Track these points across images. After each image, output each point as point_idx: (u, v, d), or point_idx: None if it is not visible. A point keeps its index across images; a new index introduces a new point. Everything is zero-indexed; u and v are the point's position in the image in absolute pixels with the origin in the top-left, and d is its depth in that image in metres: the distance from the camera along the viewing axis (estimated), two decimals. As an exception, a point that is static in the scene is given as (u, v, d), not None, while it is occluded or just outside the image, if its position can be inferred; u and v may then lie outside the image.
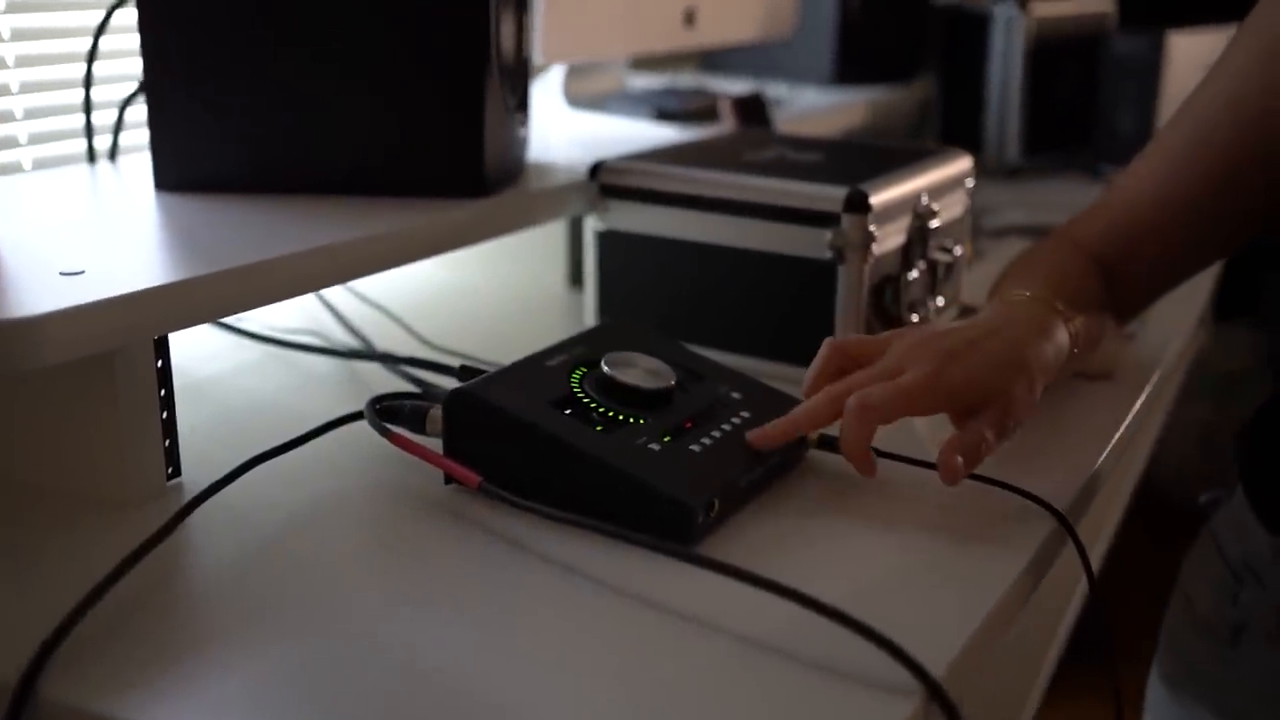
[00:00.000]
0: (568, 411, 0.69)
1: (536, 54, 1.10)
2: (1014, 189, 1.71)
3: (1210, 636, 0.87)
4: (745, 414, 0.74)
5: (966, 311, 1.03)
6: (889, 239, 0.90)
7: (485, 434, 0.69)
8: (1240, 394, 2.80)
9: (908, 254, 0.93)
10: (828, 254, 0.87)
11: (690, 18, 1.31)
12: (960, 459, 0.67)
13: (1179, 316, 1.14)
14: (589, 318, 0.99)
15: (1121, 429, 0.85)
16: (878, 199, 0.87)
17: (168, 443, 0.71)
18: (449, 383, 0.81)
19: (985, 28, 1.79)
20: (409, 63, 0.86)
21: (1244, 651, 0.84)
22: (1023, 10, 1.76)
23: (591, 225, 0.97)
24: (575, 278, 1.15)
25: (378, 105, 0.87)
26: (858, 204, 0.86)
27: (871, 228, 0.86)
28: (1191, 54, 1.74)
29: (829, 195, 0.87)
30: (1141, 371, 0.98)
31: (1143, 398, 0.93)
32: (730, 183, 0.91)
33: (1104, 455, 0.80)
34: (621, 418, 0.70)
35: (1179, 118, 0.91)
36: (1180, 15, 1.79)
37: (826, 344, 0.74)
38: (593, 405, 0.70)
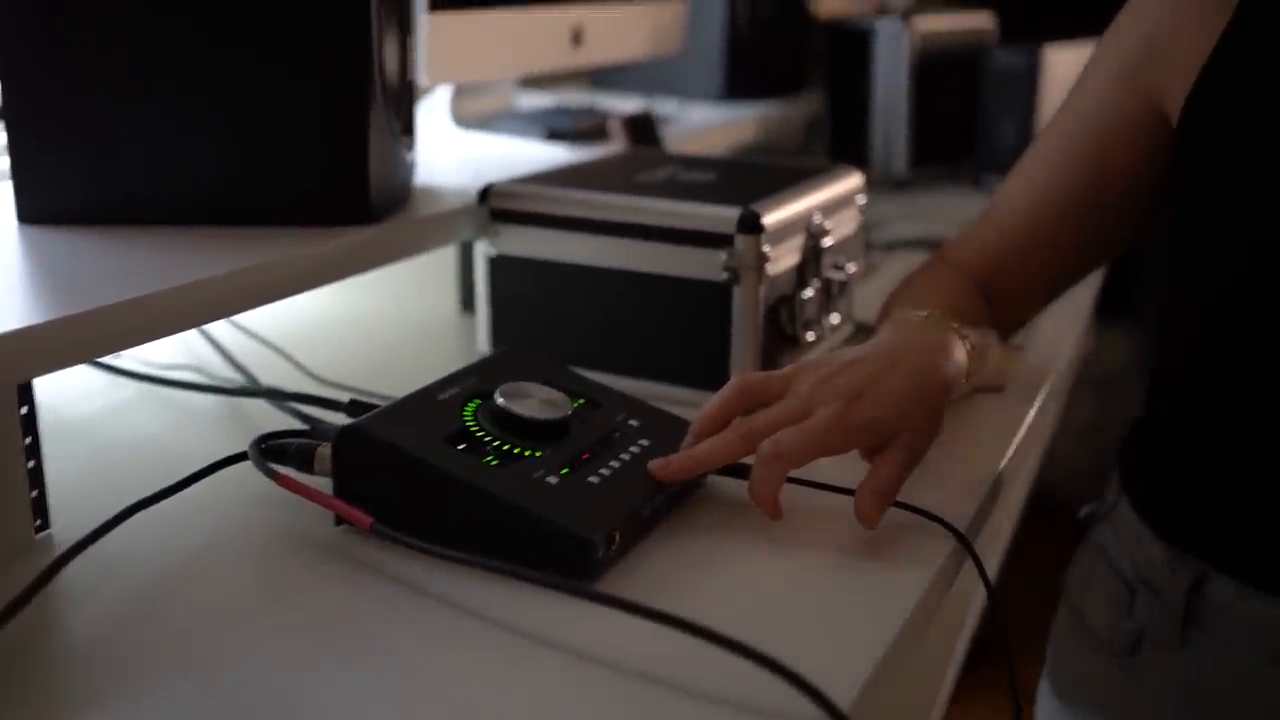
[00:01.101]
0: (461, 446, 0.67)
1: (421, 75, 1.08)
2: (902, 201, 1.74)
3: (1106, 649, 0.89)
4: (644, 442, 0.73)
5: (861, 329, 1.03)
6: (783, 259, 0.90)
7: (376, 472, 0.66)
8: (1122, 393, 2.88)
9: (802, 273, 0.93)
10: (722, 275, 0.86)
11: (578, 37, 1.30)
12: (876, 504, 0.67)
13: (1066, 322, 1.16)
14: (482, 344, 0.97)
15: (1016, 441, 0.86)
16: (771, 219, 0.87)
17: (35, 493, 0.67)
18: (338, 418, 0.78)
19: (870, 43, 1.82)
20: (287, 87, 0.83)
21: (1142, 660, 0.85)
22: (906, 25, 1.78)
23: (482, 250, 0.95)
24: (468, 302, 1.13)
25: (257, 132, 0.84)
26: (751, 224, 0.85)
27: (765, 248, 0.86)
28: (1067, 66, 1.79)
29: (722, 216, 0.86)
30: (1032, 381, 0.99)
31: (1035, 408, 0.94)
32: (623, 205, 0.90)
33: (1000, 469, 0.81)
34: (517, 451, 0.68)
35: (1044, 138, 0.94)
36: (1057, 29, 1.84)
37: (732, 382, 0.73)
38: (487, 439, 0.68)
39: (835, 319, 0.98)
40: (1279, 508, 0.78)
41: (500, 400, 0.71)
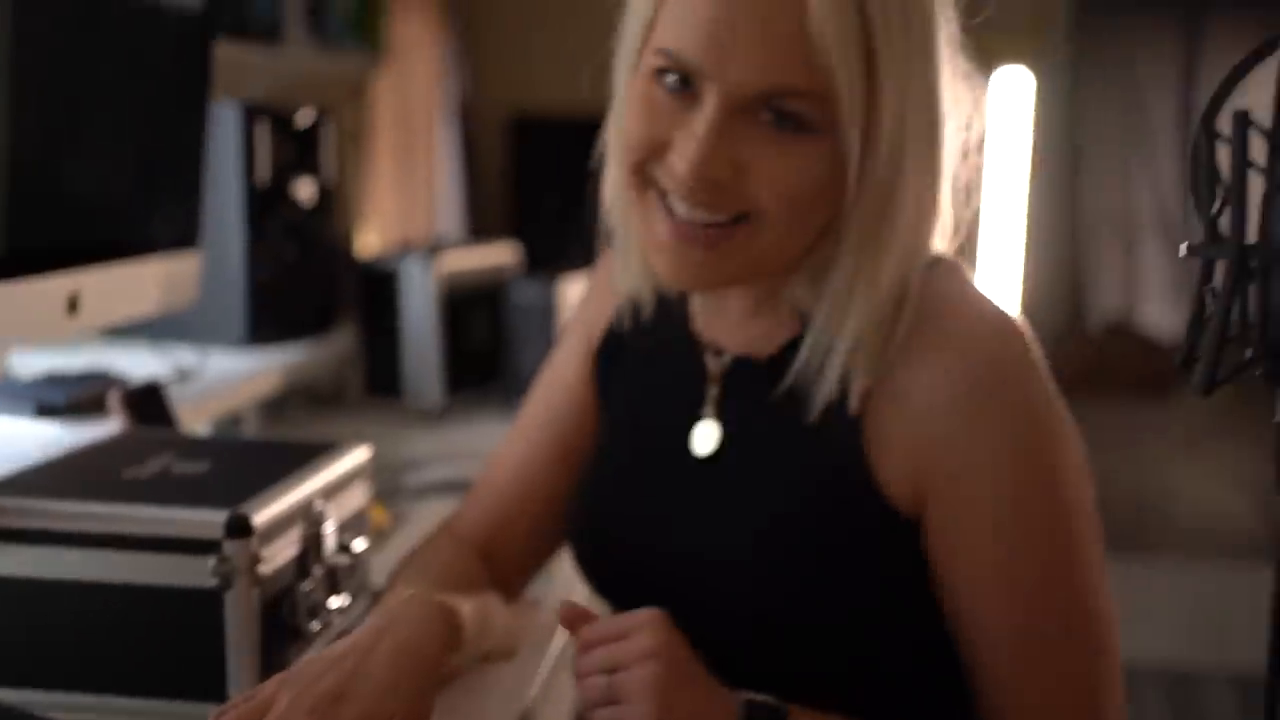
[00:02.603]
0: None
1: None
2: (438, 435, 1.78)
3: None
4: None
5: (377, 597, 1.03)
6: (279, 554, 0.89)
7: None
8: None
9: (303, 562, 0.92)
10: (213, 581, 0.84)
11: (73, 304, 1.25)
12: None
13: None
14: (-53, 673, 0.87)
15: (525, 704, 0.89)
16: (262, 518, 0.86)
17: None
18: None
19: (398, 280, 1.88)
20: None
21: None
22: (431, 263, 1.86)
23: (-59, 570, 0.87)
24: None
25: None
26: (239, 528, 0.84)
27: (257, 549, 0.85)
28: (577, 297, 1.93)
29: (209, 521, 0.84)
30: (548, 634, 1.03)
31: (546, 668, 0.98)
32: (103, 515, 0.85)
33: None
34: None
35: (527, 403, 1.02)
36: (572, 262, 1.99)
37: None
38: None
39: (345, 599, 0.97)
40: None
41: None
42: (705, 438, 0.87)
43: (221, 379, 1.54)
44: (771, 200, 0.76)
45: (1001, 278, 4.67)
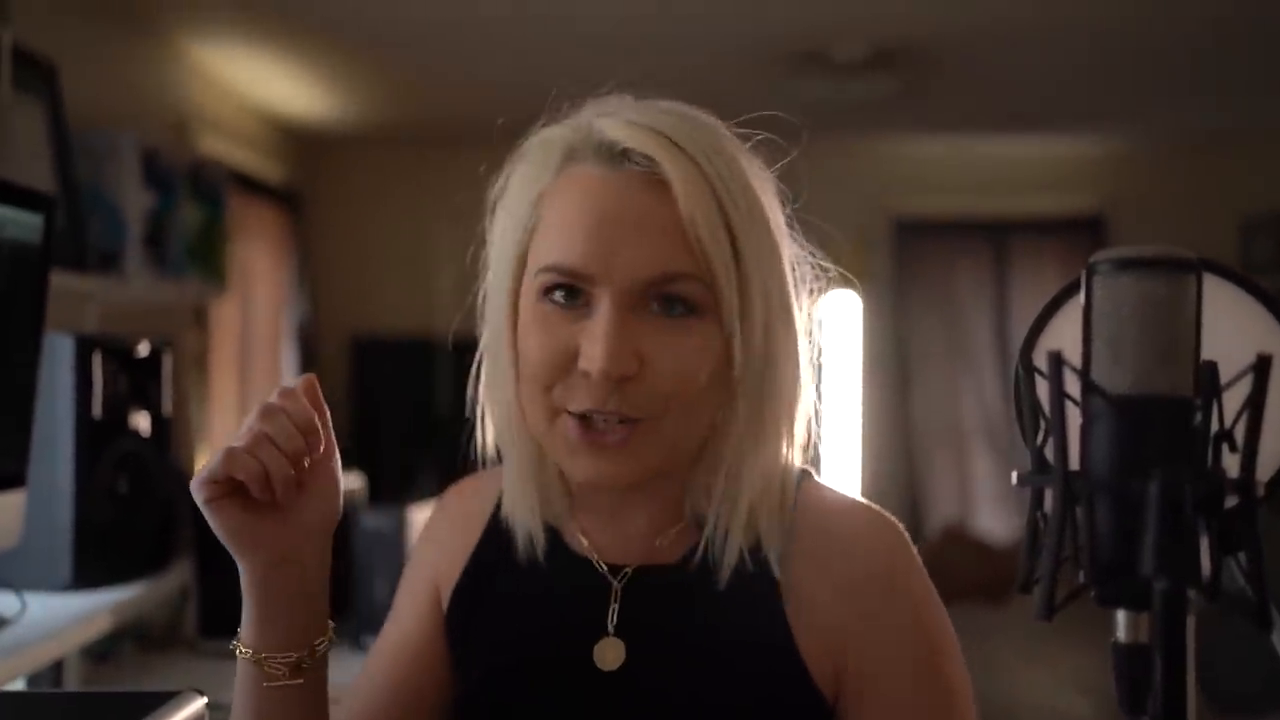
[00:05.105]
0: None
1: None
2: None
3: None
4: None
5: None
6: (108, 822, 0.82)
7: None
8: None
9: (134, 830, 0.86)
10: None
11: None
12: None
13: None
14: None
15: None
16: (91, 783, 0.80)
17: None
18: None
19: (237, 512, 1.81)
20: None
21: None
22: (272, 494, 1.81)
23: None
24: None
25: None
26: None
27: (83, 820, 0.79)
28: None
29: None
30: None
31: None
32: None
33: None
34: None
35: (376, 646, 0.99)
36: (418, 488, 1.97)
37: None
38: None
39: None
40: None
41: None
42: (611, 653, 0.87)
43: (43, 626, 1.45)
44: (673, 383, 0.80)
45: (840, 487, 4.80)
